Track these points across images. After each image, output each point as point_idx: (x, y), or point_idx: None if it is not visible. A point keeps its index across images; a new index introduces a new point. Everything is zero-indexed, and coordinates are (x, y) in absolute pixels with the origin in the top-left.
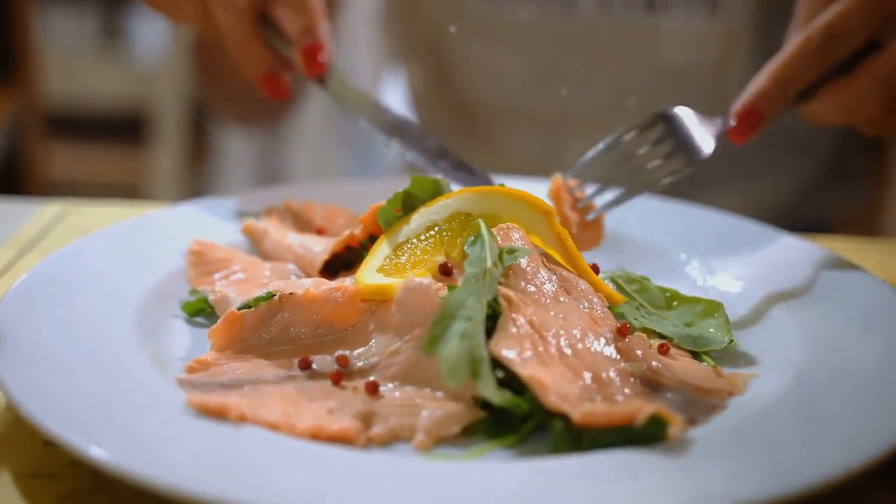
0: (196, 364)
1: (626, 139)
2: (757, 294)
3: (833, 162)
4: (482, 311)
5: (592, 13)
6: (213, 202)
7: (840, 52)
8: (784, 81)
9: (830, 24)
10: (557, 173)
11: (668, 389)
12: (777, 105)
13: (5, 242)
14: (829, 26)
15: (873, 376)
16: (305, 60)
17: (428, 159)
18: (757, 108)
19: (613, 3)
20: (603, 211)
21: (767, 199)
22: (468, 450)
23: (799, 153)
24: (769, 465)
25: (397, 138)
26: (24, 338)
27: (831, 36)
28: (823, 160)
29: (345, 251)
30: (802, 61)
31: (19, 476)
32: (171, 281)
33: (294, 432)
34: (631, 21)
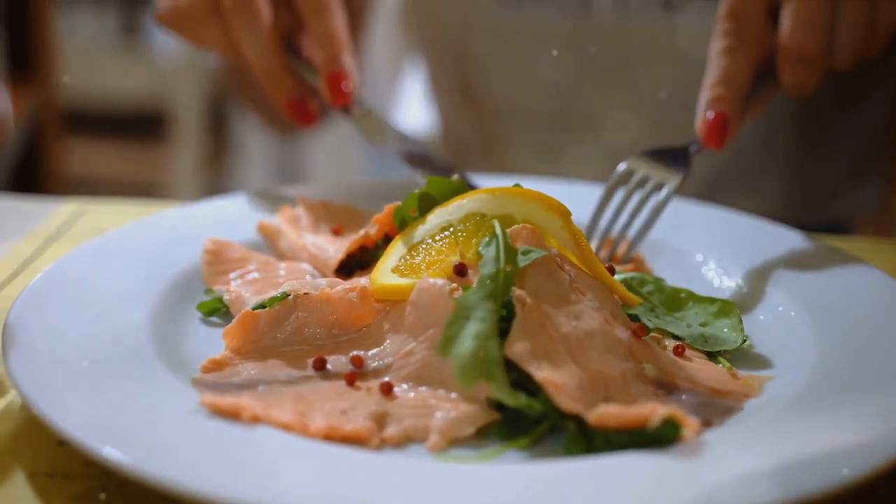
0: (210, 364)
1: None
2: (773, 295)
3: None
4: (496, 312)
5: (609, 14)
6: (229, 201)
7: (752, 30)
8: (726, 79)
9: (730, 10)
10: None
11: (683, 391)
12: (733, 103)
13: (22, 240)
14: (730, 13)
15: (890, 379)
16: (330, 90)
17: None
18: (718, 113)
19: (630, 4)
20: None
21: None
22: (482, 451)
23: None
24: (784, 468)
25: (420, 169)
26: (38, 337)
27: (736, 18)
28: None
29: (360, 251)
30: (729, 55)
31: (33, 475)
32: (186, 280)
33: (307, 433)
34: (648, 21)
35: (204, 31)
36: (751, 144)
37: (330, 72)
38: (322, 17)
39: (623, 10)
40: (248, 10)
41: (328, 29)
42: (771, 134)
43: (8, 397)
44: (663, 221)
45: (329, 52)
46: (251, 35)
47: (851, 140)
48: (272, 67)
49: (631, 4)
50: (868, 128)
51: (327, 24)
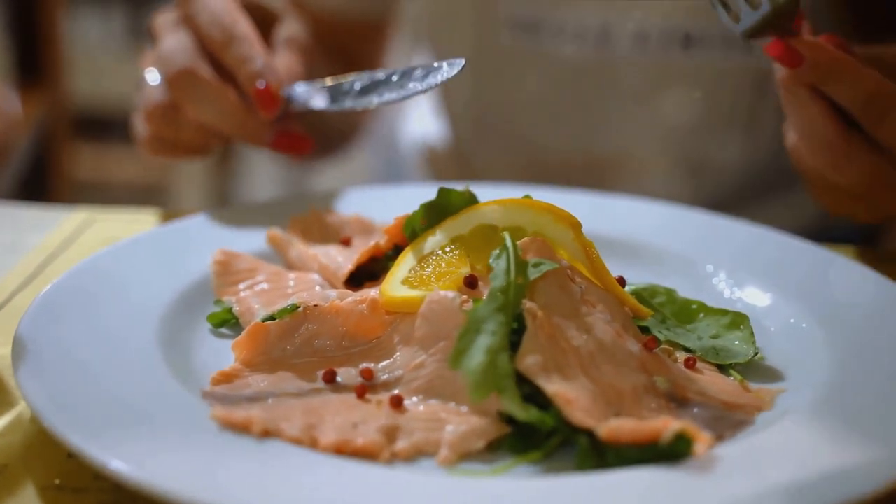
0: (220, 376)
1: None
2: (785, 307)
3: None
4: (507, 325)
5: (629, 49)
6: (239, 211)
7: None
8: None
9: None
10: None
11: (695, 404)
12: (823, 66)
13: (32, 251)
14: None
15: None
16: (262, 104)
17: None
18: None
19: (650, 40)
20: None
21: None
22: (493, 465)
23: None
24: (797, 483)
25: (370, 95)
26: (48, 348)
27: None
28: None
29: (370, 262)
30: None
31: (44, 488)
32: (196, 291)
33: (318, 447)
34: (667, 58)
35: (179, 134)
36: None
37: (253, 90)
38: (230, 47)
39: (642, 46)
40: (194, 84)
41: (238, 55)
42: None
43: (18, 409)
44: (673, 232)
45: (244, 72)
46: (209, 107)
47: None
48: (244, 122)
49: (650, 40)
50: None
51: (237, 50)
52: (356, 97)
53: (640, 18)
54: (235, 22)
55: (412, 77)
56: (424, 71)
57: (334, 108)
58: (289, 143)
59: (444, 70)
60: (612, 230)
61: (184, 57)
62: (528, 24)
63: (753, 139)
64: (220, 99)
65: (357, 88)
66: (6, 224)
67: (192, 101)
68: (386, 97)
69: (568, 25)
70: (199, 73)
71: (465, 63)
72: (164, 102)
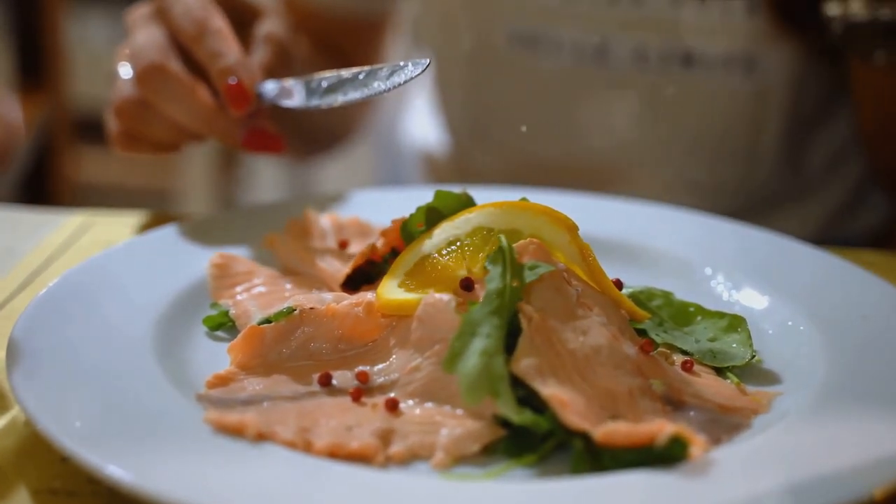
0: (215, 379)
1: None
2: (783, 309)
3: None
4: (503, 328)
5: (627, 66)
6: (235, 214)
7: None
8: None
9: None
10: None
11: (691, 407)
12: None
13: (30, 253)
14: None
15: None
16: (232, 101)
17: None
18: None
19: (649, 58)
20: None
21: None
22: (488, 469)
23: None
24: (793, 486)
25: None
26: (42, 352)
27: None
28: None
29: (366, 265)
30: None
31: (37, 492)
32: (192, 294)
33: (312, 450)
34: (666, 76)
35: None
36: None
37: (224, 86)
38: (202, 41)
39: (642, 63)
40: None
41: (210, 49)
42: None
43: (12, 413)
44: (670, 235)
45: (215, 67)
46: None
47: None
48: (214, 120)
49: (650, 59)
50: None
51: (209, 45)
52: (322, 95)
53: (639, 36)
54: (209, 16)
55: (377, 76)
56: (389, 70)
57: (301, 105)
58: (260, 141)
59: (408, 69)
60: (608, 233)
61: (154, 52)
62: (527, 38)
63: (751, 159)
64: (189, 95)
65: (324, 86)
66: (5, 227)
67: (161, 97)
68: (350, 95)
69: (566, 40)
70: (168, 69)
71: (429, 63)
72: (134, 98)
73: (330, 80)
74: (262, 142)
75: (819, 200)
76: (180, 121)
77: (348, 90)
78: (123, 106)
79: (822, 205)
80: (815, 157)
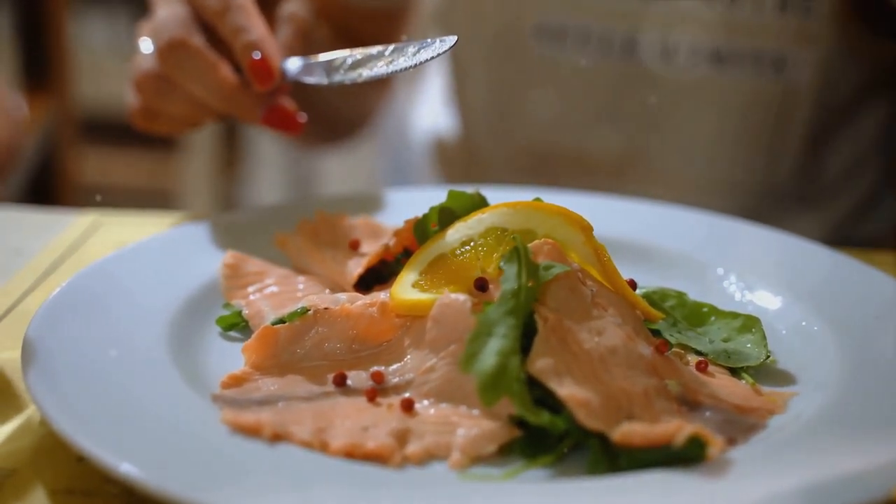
0: (230, 380)
1: None
2: (796, 310)
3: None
4: (518, 328)
5: (656, 62)
6: (247, 214)
7: None
8: None
9: None
10: None
11: (707, 408)
12: None
13: (39, 253)
14: None
15: None
16: (256, 76)
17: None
18: None
19: (678, 53)
20: None
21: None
22: (504, 469)
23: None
24: (812, 486)
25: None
26: (56, 352)
27: None
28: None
29: (379, 265)
30: None
31: (54, 492)
32: (205, 294)
33: (328, 451)
34: (695, 73)
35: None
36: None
37: (248, 61)
38: (226, 16)
39: (670, 59)
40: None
41: (234, 24)
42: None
43: (27, 412)
44: (684, 236)
45: (239, 42)
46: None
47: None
48: (235, 97)
49: (678, 54)
50: None
51: (234, 20)
52: (347, 71)
53: (668, 32)
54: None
55: (403, 52)
56: (417, 46)
57: (326, 82)
58: (280, 119)
59: (435, 46)
60: (622, 233)
61: (176, 27)
62: (555, 32)
63: (776, 158)
64: (210, 71)
65: (349, 63)
66: (13, 227)
67: (183, 73)
68: (375, 71)
69: (594, 34)
70: (190, 44)
71: (456, 41)
72: (155, 73)
73: (355, 57)
74: (281, 120)
75: (836, 203)
76: (201, 97)
77: (374, 66)
78: (143, 81)
79: (837, 207)
80: (836, 160)
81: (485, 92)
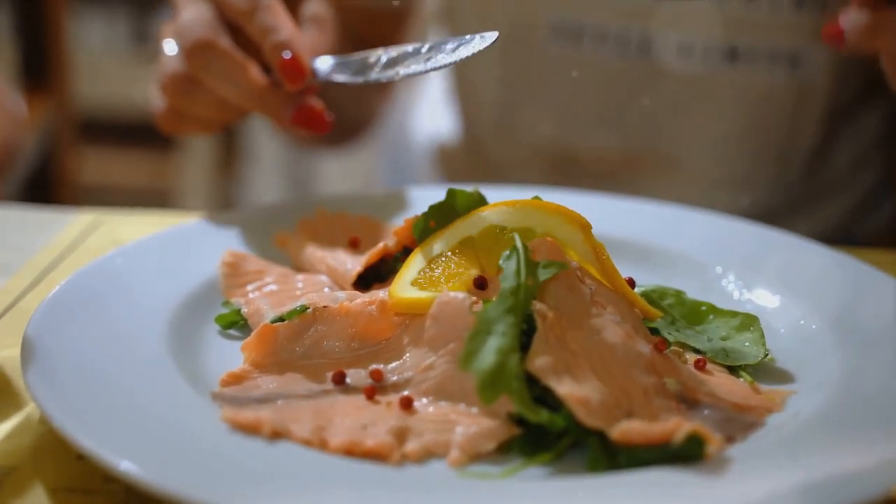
0: (229, 378)
1: None
2: (795, 308)
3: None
4: (517, 326)
5: (672, 60)
6: (247, 212)
7: None
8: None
9: None
10: None
11: (705, 406)
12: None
13: (38, 252)
14: None
15: None
16: (287, 76)
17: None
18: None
19: (694, 52)
20: None
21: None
22: (503, 467)
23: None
24: (810, 484)
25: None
26: (56, 350)
27: None
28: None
29: (378, 264)
30: None
31: (54, 490)
32: (204, 293)
33: (328, 448)
34: (710, 70)
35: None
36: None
37: (279, 60)
38: (254, 16)
39: (686, 57)
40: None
41: (263, 24)
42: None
43: (26, 410)
44: (682, 234)
45: (269, 41)
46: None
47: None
48: (264, 97)
49: (694, 52)
50: None
51: (262, 20)
52: (382, 70)
53: (685, 31)
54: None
55: (442, 49)
56: (456, 43)
57: (359, 80)
58: (309, 119)
59: (475, 43)
60: (621, 232)
61: (203, 28)
62: (571, 30)
63: (787, 156)
64: (239, 72)
65: (384, 61)
66: (13, 226)
67: (211, 74)
68: (412, 69)
69: (611, 33)
70: (218, 45)
71: (497, 37)
72: (182, 74)
73: (390, 55)
74: (310, 119)
75: (839, 201)
76: (229, 98)
77: (410, 64)
78: (170, 83)
79: (840, 205)
80: (841, 157)
81: (494, 90)
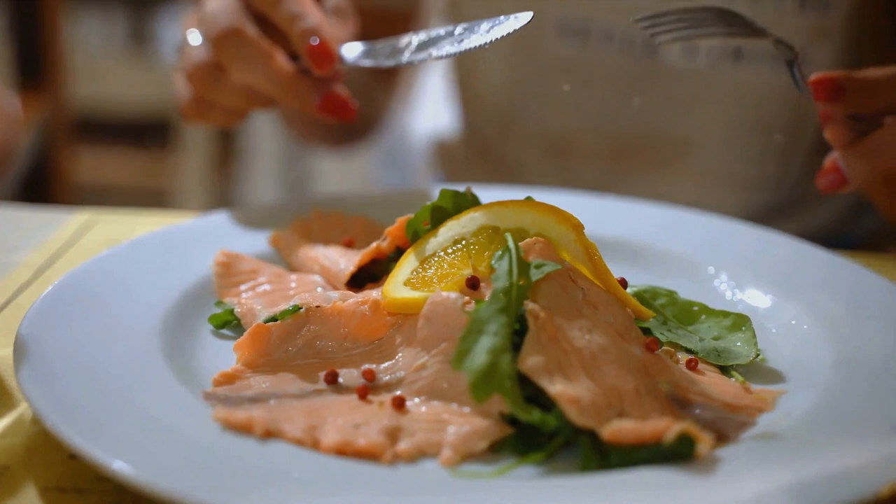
0: (222, 377)
1: None
2: (786, 309)
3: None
4: (509, 326)
5: (677, 59)
6: (240, 212)
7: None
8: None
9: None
10: None
11: (697, 406)
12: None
13: (33, 251)
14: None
15: None
16: (315, 61)
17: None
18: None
19: (699, 51)
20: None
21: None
22: (495, 466)
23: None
24: (800, 484)
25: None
26: (49, 349)
27: None
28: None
29: (371, 264)
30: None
31: (45, 490)
32: (197, 292)
33: (320, 448)
34: (715, 70)
35: (222, 97)
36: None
37: (307, 47)
38: (280, 4)
39: (691, 56)
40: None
41: (289, 12)
42: None
43: (19, 410)
44: (675, 234)
45: (296, 28)
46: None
47: None
48: (291, 84)
49: (700, 51)
50: None
51: (288, 7)
52: (414, 52)
53: None
54: None
55: (475, 31)
56: (489, 24)
57: (390, 62)
58: (336, 106)
59: (510, 23)
60: (613, 232)
61: (229, 17)
62: (578, 29)
63: (789, 156)
64: (266, 60)
65: (415, 45)
66: (8, 226)
67: (238, 62)
68: (445, 50)
69: (617, 32)
70: (245, 33)
71: (532, 17)
72: (208, 63)
73: (420, 38)
74: (337, 106)
75: (836, 202)
76: (256, 85)
77: (443, 45)
78: (196, 72)
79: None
80: None
81: (499, 86)
